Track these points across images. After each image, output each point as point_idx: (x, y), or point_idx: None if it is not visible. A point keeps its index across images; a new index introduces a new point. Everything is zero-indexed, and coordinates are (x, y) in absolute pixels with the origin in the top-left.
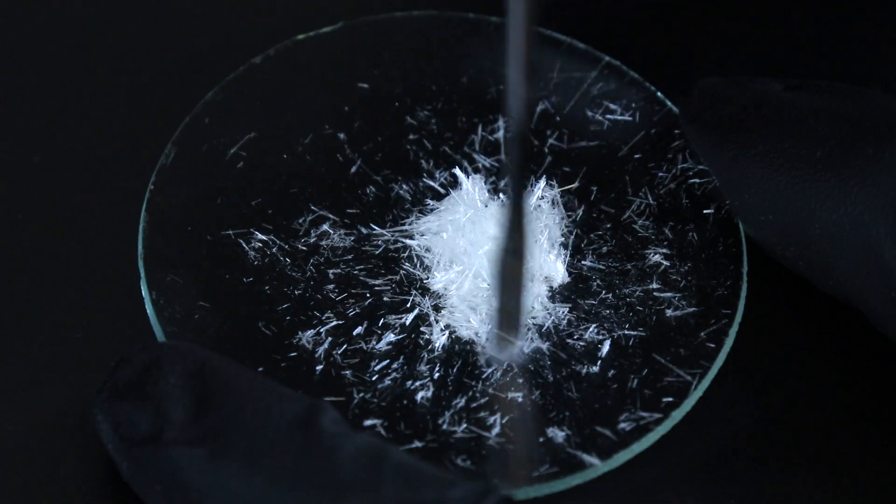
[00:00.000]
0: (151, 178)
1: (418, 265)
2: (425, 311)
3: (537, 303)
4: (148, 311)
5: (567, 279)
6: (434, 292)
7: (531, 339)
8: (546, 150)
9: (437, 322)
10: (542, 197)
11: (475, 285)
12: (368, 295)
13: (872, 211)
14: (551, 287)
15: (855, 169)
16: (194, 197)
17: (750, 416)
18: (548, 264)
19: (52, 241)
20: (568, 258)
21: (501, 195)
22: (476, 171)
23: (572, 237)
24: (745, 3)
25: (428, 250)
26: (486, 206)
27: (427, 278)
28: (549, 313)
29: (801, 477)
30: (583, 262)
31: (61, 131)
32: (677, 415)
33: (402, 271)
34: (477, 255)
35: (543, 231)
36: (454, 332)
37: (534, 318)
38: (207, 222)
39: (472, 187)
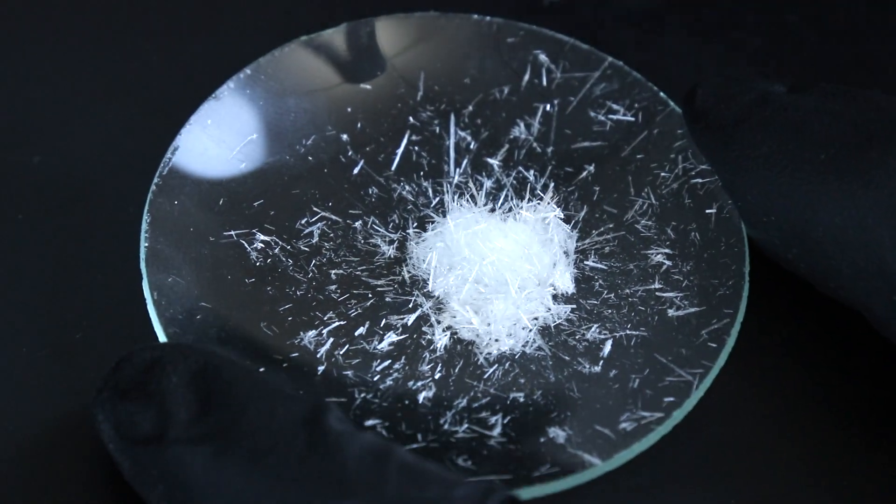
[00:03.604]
0: (154, 178)
1: (420, 267)
2: (427, 311)
3: (540, 303)
4: (150, 311)
5: (572, 290)
6: (435, 297)
7: (534, 338)
8: (549, 151)
9: (438, 323)
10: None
11: (475, 290)
12: (370, 295)
13: (876, 214)
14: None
15: (859, 172)
16: (196, 198)
17: (751, 416)
18: (555, 274)
19: (53, 242)
20: (573, 269)
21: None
22: (478, 172)
23: (575, 237)
24: (747, 4)
25: (428, 254)
26: (488, 211)
27: (427, 283)
28: (551, 313)
29: (801, 477)
30: (585, 262)
31: (61, 131)
32: (678, 415)
33: (403, 273)
34: (476, 261)
35: (552, 242)
36: (455, 333)
37: (536, 318)
38: (209, 223)
39: (475, 190)
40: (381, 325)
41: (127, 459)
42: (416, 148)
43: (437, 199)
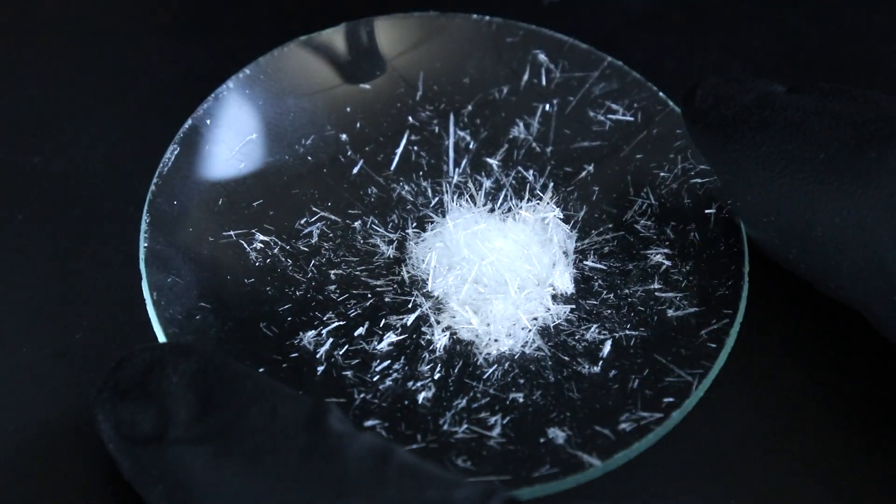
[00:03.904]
0: (153, 178)
1: (419, 268)
2: (426, 311)
3: (540, 303)
4: (149, 312)
5: (572, 290)
6: (434, 297)
7: (533, 338)
8: (548, 151)
9: (437, 323)
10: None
11: (475, 290)
12: (370, 295)
13: (875, 214)
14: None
15: (858, 172)
16: (196, 198)
17: (750, 416)
18: (555, 274)
19: (53, 242)
20: (573, 269)
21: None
22: (477, 172)
23: (574, 237)
24: (747, 4)
25: (427, 254)
26: (487, 211)
27: (426, 283)
28: (550, 313)
29: (801, 477)
30: (585, 263)
31: (61, 131)
32: (678, 415)
33: (402, 273)
34: (476, 261)
35: (551, 242)
36: (455, 333)
37: (535, 318)
38: (209, 223)
39: (474, 190)
40: (381, 326)
41: (127, 459)
42: (416, 148)
43: (437, 199)
